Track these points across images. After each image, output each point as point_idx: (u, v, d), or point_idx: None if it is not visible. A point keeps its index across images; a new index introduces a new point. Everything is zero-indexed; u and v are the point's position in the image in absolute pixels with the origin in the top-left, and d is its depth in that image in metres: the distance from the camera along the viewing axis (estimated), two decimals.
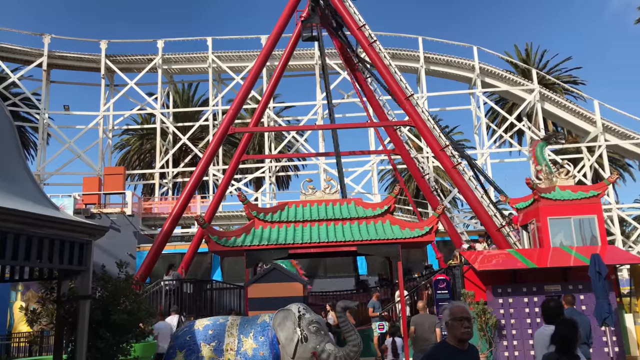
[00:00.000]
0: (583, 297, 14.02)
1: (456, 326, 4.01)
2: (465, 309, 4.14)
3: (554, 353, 4.61)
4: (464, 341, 4.03)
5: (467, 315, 4.09)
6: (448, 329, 4.07)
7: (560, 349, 4.55)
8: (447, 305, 4.21)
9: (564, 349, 4.52)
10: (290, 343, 7.50)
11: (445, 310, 4.16)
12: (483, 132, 37.68)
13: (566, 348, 4.53)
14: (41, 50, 37.29)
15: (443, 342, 4.13)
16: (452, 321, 4.03)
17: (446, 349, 4.02)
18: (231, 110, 21.73)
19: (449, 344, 4.04)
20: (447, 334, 4.10)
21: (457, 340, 4.01)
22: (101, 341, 7.51)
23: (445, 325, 4.10)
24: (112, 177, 31.63)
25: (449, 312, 4.10)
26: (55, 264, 6.11)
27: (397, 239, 15.32)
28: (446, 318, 4.08)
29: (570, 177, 17.66)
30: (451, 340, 4.04)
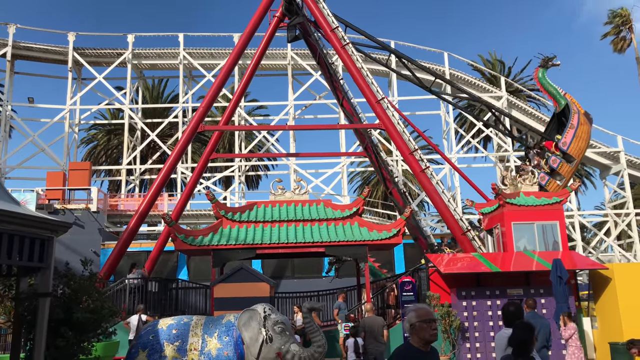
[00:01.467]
0: (544, 301, 14.37)
1: (425, 328, 4.00)
2: (431, 311, 4.17)
3: (511, 355, 4.73)
4: (429, 343, 4.05)
5: (434, 317, 4.14)
6: (414, 331, 4.01)
7: (516, 352, 4.67)
8: (412, 307, 4.17)
9: (520, 352, 4.64)
10: (255, 343, 7.48)
11: (410, 312, 4.11)
12: (451, 137, 38.25)
13: (522, 351, 4.65)
14: (5, 40, 36.22)
15: (407, 343, 4.08)
16: (420, 323, 4.00)
17: (410, 350, 3.99)
18: (201, 107, 21.51)
19: (412, 345, 4.01)
20: (411, 336, 4.05)
21: (423, 342, 4.00)
22: (62, 340, 7.36)
23: (410, 327, 4.04)
24: (77, 173, 30.92)
25: (415, 314, 4.06)
26: (15, 260, 5.96)
27: (365, 240, 15.45)
28: (412, 320, 4.03)
29: (535, 184, 18.09)
30: (416, 342, 4.01)
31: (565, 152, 19.12)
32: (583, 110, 19.88)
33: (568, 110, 19.92)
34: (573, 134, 19.06)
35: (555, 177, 19.13)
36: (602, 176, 38.50)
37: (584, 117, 19.62)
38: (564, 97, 20.23)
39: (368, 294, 15.88)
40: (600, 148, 36.52)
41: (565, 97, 20.16)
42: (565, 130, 19.43)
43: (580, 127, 19.23)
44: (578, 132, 19.12)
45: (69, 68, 37.30)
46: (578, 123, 19.26)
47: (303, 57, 37.38)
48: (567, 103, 20.07)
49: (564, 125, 19.95)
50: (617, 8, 39.55)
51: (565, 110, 20.04)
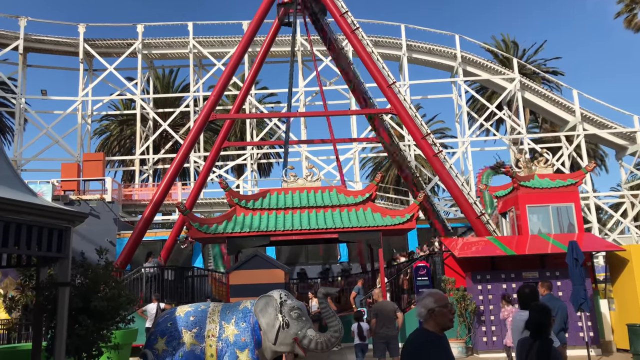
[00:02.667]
0: (560, 284, 14.31)
1: (445, 313, 3.97)
2: (446, 297, 4.16)
3: (529, 338, 4.72)
4: (446, 329, 4.02)
5: (450, 302, 4.13)
6: (432, 316, 3.97)
7: (534, 334, 4.65)
8: (427, 293, 4.13)
9: (538, 334, 4.63)
10: (271, 329, 7.54)
11: (427, 297, 4.06)
12: (464, 121, 37.95)
13: (540, 333, 4.64)
14: (17, 34, 36.43)
15: (422, 329, 4.03)
16: (439, 308, 3.97)
17: (427, 334, 3.96)
18: (212, 96, 21.52)
19: (428, 330, 3.98)
20: (427, 321, 4.00)
21: (440, 327, 3.98)
22: (81, 328, 7.48)
23: (427, 312, 3.99)
24: (91, 164, 31.21)
25: (433, 299, 4.01)
26: (34, 250, 6.04)
27: (378, 226, 15.43)
28: (430, 305, 3.98)
29: (549, 166, 17.92)
30: (433, 326, 3.97)
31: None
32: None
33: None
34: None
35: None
36: (617, 157, 38.02)
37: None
38: (495, 207, 19.99)
39: (382, 279, 15.90)
40: (616, 128, 36.03)
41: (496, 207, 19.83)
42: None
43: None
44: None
45: (80, 59, 37.47)
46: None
47: (313, 43, 37.12)
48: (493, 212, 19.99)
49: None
50: None
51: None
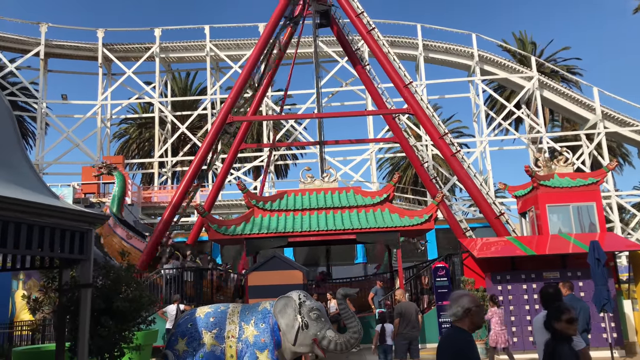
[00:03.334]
0: (582, 284, 14.10)
1: (479, 313, 4.02)
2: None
3: (551, 339, 4.66)
4: (479, 328, 4.08)
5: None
6: (468, 315, 4.00)
7: (553, 335, 4.60)
8: (461, 293, 4.16)
9: (555, 336, 4.58)
10: (291, 330, 7.55)
11: (463, 297, 4.10)
12: (482, 120, 37.65)
13: (556, 334, 4.59)
14: (38, 39, 37.07)
15: (457, 328, 4.04)
16: (476, 308, 4.01)
17: (464, 333, 4.00)
18: (229, 99, 21.64)
19: (464, 329, 4.00)
20: (461, 321, 4.02)
21: (474, 326, 4.02)
22: (103, 329, 7.57)
23: (464, 311, 4.01)
24: None
25: (469, 299, 4.06)
26: (56, 252, 6.13)
27: (396, 227, 15.37)
28: (468, 304, 4.01)
29: (569, 165, 17.68)
30: (467, 326, 4.00)
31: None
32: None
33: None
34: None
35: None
36: None
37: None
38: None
39: (401, 280, 15.84)
40: (638, 126, 35.43)
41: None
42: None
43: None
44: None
45: (99, 64, 38.00)
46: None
47: (329, 45, 37.20)
48: None
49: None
50: None
51: None
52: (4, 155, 6.25)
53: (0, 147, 6.25)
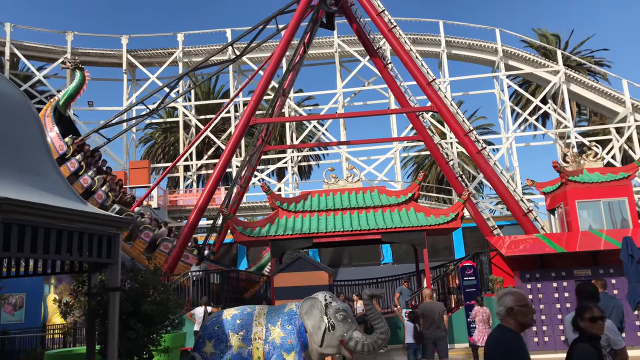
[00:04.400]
0: (615, 281, 13.77)
1: (526, 312, 3.93)
2: (526, 295, 4.10)
3: (578, 339, 4.56)
4: (527, 327, 4.00)
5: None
6: (511, 315, 3.92)
7: (580, 334, 4.50)
8: (506, 291, 4.07)
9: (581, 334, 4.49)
10: (317, 331, 7.52)
11: (506, 295, 4.01)
12: (507, 116, 37.09)
13: (580, 332, 4.50)
14: (65, 48, 37.85)
15: (504, 328, 3.96)
16: (520, 307, 3.92)
17: (510, 333, 3.92)
18: (252, 101, 21.75)
19: (511, 329, 3.93)
20: (508, 320, 3.95)
21: (521, 326, 3.94)
22: (132, 332, 7.65)
23: (507, 310, 3.94)
24: (137, 171, 32.08)
25: (513, 297, 3.96)
26: (85, 257, 6.22)
27: (422, 226, 15.23)
28: (511, 304, 3.93)
29: (599, 159, 17.29)
30: (513, 325, 3.92)
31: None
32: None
33: None
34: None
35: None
36: None
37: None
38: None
39: (428, 279, 15.68)
40: None
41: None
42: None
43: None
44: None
45: (123, 70, 38.60)
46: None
47: (350, 44, 37.11)
48: None
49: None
50: None
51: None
52: (32, 162, 6.37)
53: (29, 155, 6.37)
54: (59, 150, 18.97)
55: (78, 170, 19.07)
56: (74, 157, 19.20)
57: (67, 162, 19.00)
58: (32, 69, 38.10)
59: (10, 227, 5.21)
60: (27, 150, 6.35)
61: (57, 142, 19.20)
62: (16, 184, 5.72)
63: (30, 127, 6.59)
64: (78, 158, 19.27)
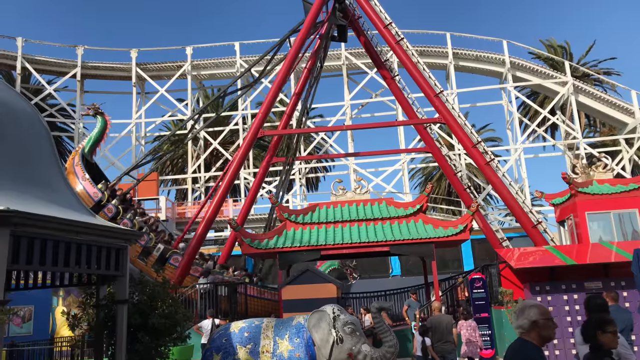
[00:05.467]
0: (626, 294, 13.57)
1: (550, 325, 3.88)
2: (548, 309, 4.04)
3: (589, 353, 4.49)
4: (549, 341, 3.93)
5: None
6: (536, 328, 3.87)
7: (595, 348, 4.43)
8: (530, 304, 4.01)
9: (597, 348, 4.41)
10: (325, 344, 7.47)
11: (530, 308, 3.95)
12: (516, 127, 36.99)
13: (593, 346, 4.42)
14: (75, 62, 38.30)
15: (525, 341, 3.90)
16: (544, 320, 3.86)
17: (532, 346, 3.86)
18: (260, 113, 21.85)
19: (532, 342, 3.87)
20: (532, 333, 3.89)
21: (542, 339, 3.87)
22: (140, 344, 7.64)
23: (530, 323, 3.88)
24: (145, 183, 32.20)
25: (538, 310, 3.91)
26: (93, 269, 6.24)
27: (430, 238, 15.15)
28: (535, 317, 3.88)
29: (609, 171, 17.16)
30: (535, 339, 3.87)
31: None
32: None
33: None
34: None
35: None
36: None
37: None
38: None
39: (437, 292, 15.56)
40: None
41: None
42: None
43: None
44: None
45: (132, 83, 38.96)
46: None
47: (357, 57, 37.26)
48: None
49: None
50: None
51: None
52: (42, 174, 6.42)
53: (39, 167, 6.42)
54: (94, 198, 19.15)
55: (116, 216, 19.22)
56: (110, 203, 19.39)
57: (104, 208, 19.16)
58: (42, 83, 38.54)
59: (20, 240, 5.24)
60: (37, 163, 6.40)
61: (90, 190, 19.39)
62: (25, 196, 5.77)
63: (41, 141, 6.65)
64: (114, 203, 19.44)
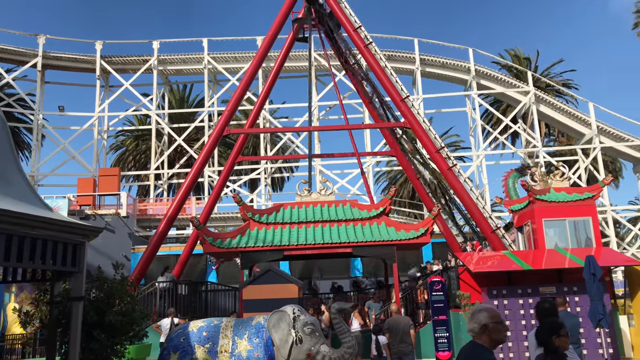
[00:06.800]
0: (578, 299, 14.05)
1: (500, 329, 3.94)
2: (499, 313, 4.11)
3: (542, 354, 4.64)
4: (499, 344, 4.00)
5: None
6: (486, 331, 3.93)
7: (545, 350, 4.58)
8: (482, 307, 4.08)
9: (549, 350, 4.57)
10: (284, 344, 7.48)
11: (481, 312, 4.01)
12: (478, 134, 37.75)
13: (547, 349, 4.58)
14: (36, 51, 37.14)
15: (475, 344, 3.96)
16: (494, 324, 3.92)
17: (482, 349, 3.92)
18: (227, 111, 21.67)
19: (483, 345, 3.93)
20: (482, 336, 3.95)
21: (494, 343, 3.94)
22: (95, 342, 7.47)
23: (480, 327, 3.94)
24: (107, 179, 31.52)
25: (488, 314, 3.96)
26: (49, 265, 6.07)
27: (392, 240, 15.33)
28: (485, 320, 3.94)
29: (565, 179, 17.71)
30: (486, 342, 3.92)
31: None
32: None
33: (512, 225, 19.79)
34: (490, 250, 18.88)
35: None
36: (635, 170, 37.49)
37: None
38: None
39: (397, 294, 15.74)
40: (634, 141, 35.58)
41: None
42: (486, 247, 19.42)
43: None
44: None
45: (96, 76, 38.05)
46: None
47: (328, 58, 37.30)
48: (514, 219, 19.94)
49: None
50: None
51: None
52: None
53: None
54: None
55: None
56: None
57: None
58: (0, 71, 37.23)
59: None
60: None
61: None
62: None
63: None
64: None
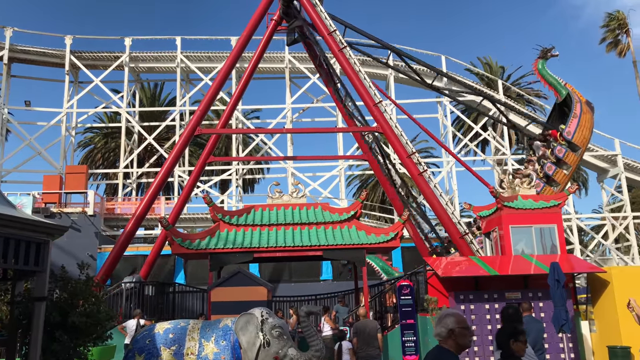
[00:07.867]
0: (542, 305, 14.34)
1: (465, 334, 3.98)
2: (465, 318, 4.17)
3: (500, 358, 4.76)
4: (465, 349, 4.04)
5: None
6: (452, 336, 3.97)
7: (506, 354, 4.70)
8: (448, 312, 4.11)
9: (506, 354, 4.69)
10: (252, 347, 7.43)
11: (448, 317, 4.06)
12: (449, 141, 38.30)
13: (505, 352, 4.70)
14: (2, 44, 36.15)
15: (442, 349, 4.00)
16: (460, 329, 3.97)
17: (447, 354, 3.96)
18: (199, 111, 21.46)
19: (448, 350, 3.97)
20: (446, 341, 4.00)
21: (459, 347, 3.98)
22: (57, 344, 7.29)
23: (447, 332, 3.99)
24: (74, 176, 30.82)
25: (454, 319, 4.01)
26: (10, 264, 5.91)
27: (362, 244, 15.40)
28: (451, 325, 3.98)
29: (532, 187, 18.08)
30: (452, 347, 3.97)
31: (570, 141, 19.31)
32: (584, 99, 20.10)
33: (570, 99, 20.18)
34: (577, 122, 19.27)
35: (561, 166, 19.36)
36: (599, 179, 38.55)
37: (586, 105, 19.85)
38: (565, 87, 20.50)
39: (366, 297, 15.81)
40: (598, 151, 36.59)
41: (566, 87, 20.43)
42: (569, 120, 19.62)
43: (583, 115, 19.49)
44: (581, 120, 19.36)
45: (66, 71, 37.24)
46: (581, 112, 19.51)
47: (301, 61, 37.37)
48: (568, 93, 20.30)
49: (566, 115, 20.18)
50: (614, 11, 39.55)
51: (567, 100, 20.37)
52: None
53: None
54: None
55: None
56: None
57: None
58: None
59: None
60: None
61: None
62: None
63: None
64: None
